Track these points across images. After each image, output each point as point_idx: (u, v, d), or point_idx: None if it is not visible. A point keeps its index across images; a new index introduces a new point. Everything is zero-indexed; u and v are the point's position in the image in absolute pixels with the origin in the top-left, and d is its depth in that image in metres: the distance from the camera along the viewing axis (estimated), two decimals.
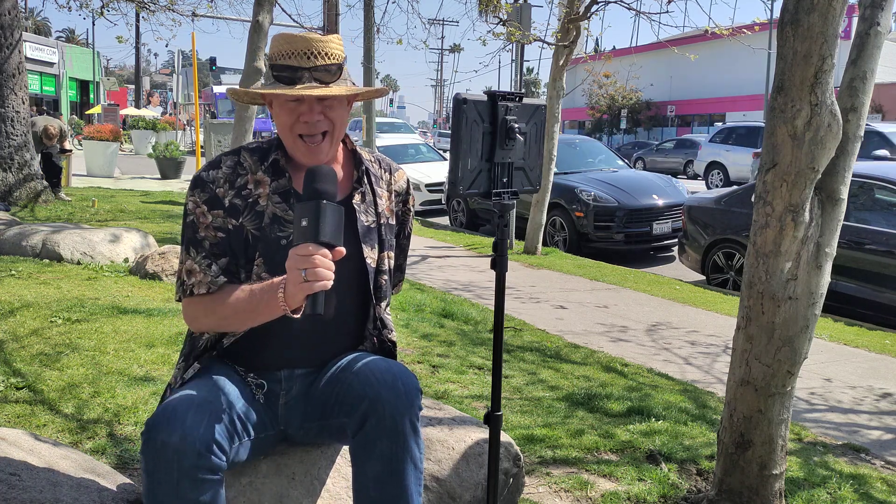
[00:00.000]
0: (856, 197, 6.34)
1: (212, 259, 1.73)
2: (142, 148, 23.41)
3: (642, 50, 36.76)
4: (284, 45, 1.70)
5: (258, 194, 1.76)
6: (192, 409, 1.53)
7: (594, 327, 5.36)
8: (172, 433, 1.48)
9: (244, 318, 1.69)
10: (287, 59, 1.69)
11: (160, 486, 1.49)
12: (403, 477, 1.63)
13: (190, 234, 1.75)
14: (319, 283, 1.49)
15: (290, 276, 1.52)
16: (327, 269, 1.50)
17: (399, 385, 1.62)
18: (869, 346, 5.17)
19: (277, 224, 1.75)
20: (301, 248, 1.50)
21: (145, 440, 1.50)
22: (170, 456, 1.47)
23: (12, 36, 9.13)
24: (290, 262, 1.52)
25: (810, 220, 2.26)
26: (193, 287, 1.72)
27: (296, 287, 1.51)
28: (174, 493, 1.48)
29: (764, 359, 2.33)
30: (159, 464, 1.48)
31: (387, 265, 1.89)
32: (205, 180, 1.75)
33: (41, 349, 3.57)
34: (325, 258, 1.50)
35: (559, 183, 9.31)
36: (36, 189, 9.54)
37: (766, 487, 2.38)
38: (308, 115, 1.70)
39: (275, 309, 1.59)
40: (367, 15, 12.49)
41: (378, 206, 1.88)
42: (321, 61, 1.69)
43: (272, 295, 1.59)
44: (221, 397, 1.63)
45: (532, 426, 3.15)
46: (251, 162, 1.79)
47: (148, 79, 62.30)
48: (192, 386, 1.65)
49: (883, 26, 2.27)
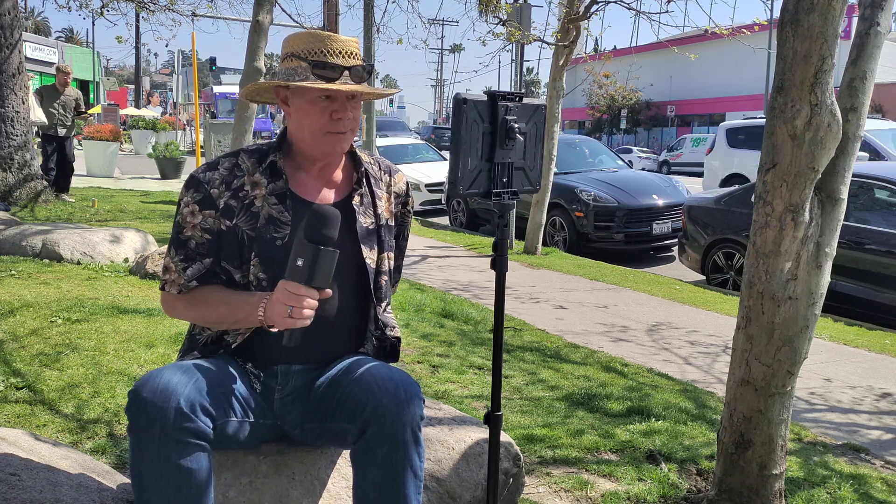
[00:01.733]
0: (856, 197, 6.34)
1: (189, 262, 1.78)
2: (142, 148, 23.40)
3: (642, 50, 36.76)
4: (318, 43, 1.75)
5: (254, 196, 1.78)
6: (178, 373, 1.57)
7: (594, 327, 5.36)
8: (156, 390, 1.51)
9: (219, 322, 1.77)
10: (325, 56, 1.74)
11: (143, 445, 1.50)
12: (403, 485, 1.63)
13: (175, 234, 1.81)
14: (301, 322, 1.59)
15: (276, 308, 1.60)
16: (311, 311, 1.60)
17: (401, 393, 1.63)
18: (869, 346, 5.17)
19: (273, 225, 1.78)
20: (293, 286, 1.58)
21: (130, 398, 1.53)
22: (153, 413, 1.49)
23: (12, 36, 9.12)
24: (278, 294, 1.60)
25: (810, 220, 2.26)
26: (166, 284, 1.80)
27: (279, 318, 1.60)
28: (156, 453, 1.49)
29: (764, 359, 2.33)
30: (141, 420, 1.50)
31: (386, 266, 1.90)
32: (199, 181, 1.78)
33: (41, 349, 3.57)
34: (312, 299, 1.59)
35: (559, 183, 9.31)
36: (36, 189, 9.53)
37: (766, 487, 2.38)
38: (342, 111, 1.75)
39: (252, 323, 1.69)
40: (367, 15, 12.49)
41: (377, 208, 1.90)
42: (356, 61, 1.77)
43: (252, 309, 1.67)
44: (214, 371, 1.66)
45: (532, 426, 3.15)
46: (249, 164, 1.82)
47: (148, 79, 62.31)
48: (187, 362, 1.68)
49: (883, 26, 2.27)
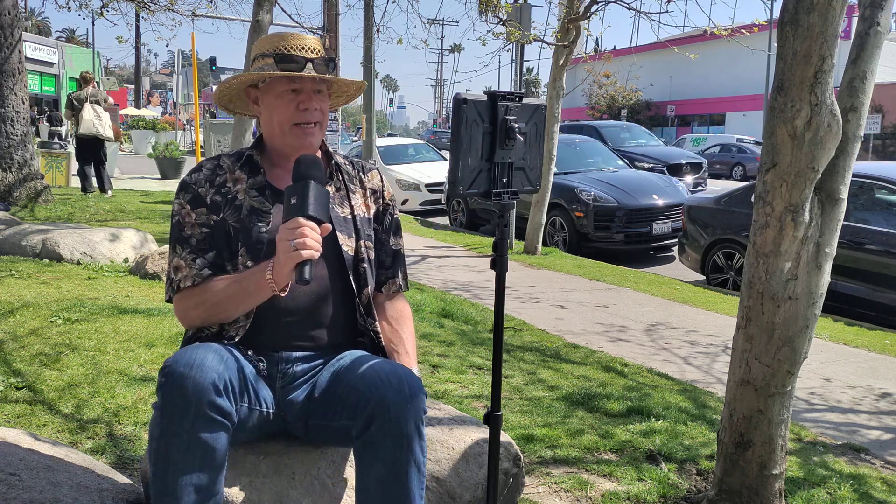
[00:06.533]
0: (856, 197, 6.34)
1: (197, 254, 1.83)
2: (142, 148, 23.41)
3: (642, 50, 36.74)
4: (281, 41, 1.85)
5: (237, 190, 1.88)
6: (210, 352, 1.59)
7: (594, 327, 5.36)
8: (192, 366, 1.53)
9: (235, 303, 1.76)
10: (289, 51, 1.83)
11: (176, 421, 1.51)
12: (407, 480, 1.63)
13: (176, 233, 1.86)
14: (307, 252, 1.59)
15: (281, 247, 1.62)
16: (315, 241, 1.61)
17: (405, 387, 1.63)
18: (869, 346, 5.17)
19: (255, 215, 1.85)
20: (291, 222, 1.62)
21: (164, 375, 1.54)
22: (190, 388, 1.51)
23: (12, 36, 9.12)
24: (280, 235, 1.63)
25: (810, 220, 2.26)
26: (180, 282, 1.82)
27: (286, 257, 1.60)
28: (190, 428, 1.51)
29: (764, 359, 2.33)
30: (177, 397, 1.51)
31: (365, 254, 1.93)
32: (188, 183, 1.89)
33: (41, 349, 3.57)
34: (314, 231, 1.61)
35: (559, 183, 9.31)
36: (36, 189, 9.53)
37: (765, 487, 2.38)
38: (307, 101, 1.83)
39: (263, 289, 1.69)
40: (367, 15, 12.49)
41: (352, 201, 1.97)
42: (317, 55, 1.86)
43: (261, 276, 1.69)
44: (234, 355, 1.68)
45: (532, 426, 3.15)
46: (229, 163, 1.92)
47: (148, 79, 62.32)
48: (211, 343, 1.69)
49: (883, 26, 2.27)
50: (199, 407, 1.51)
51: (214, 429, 1.53)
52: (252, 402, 1.72)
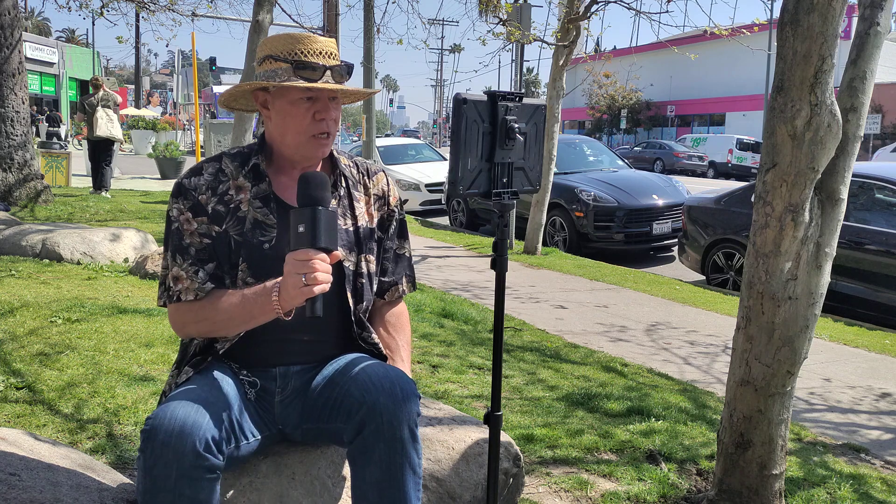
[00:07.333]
0: (856, 197, 6.34)
1: (198, 265, 1.75)
2: (142, 148, 23.41)
3: (642, 50, 36.76)
4: (296, 44, 1.74)
5: (239, 200, 1.78)
6: (192, 410, 1.53)
7: (594, 327, 5.36)
8: (172, 433, 1.48)
9: (237, 324, 1.70)
10: (305, 56, 1.73)
11: (158, 485, 1.49)
12: (403, 483, 1.62)
13: (176, 242, 1.76)
14: (319, 287, 1.52)
15: (289, 281, 1.54)
16: (326, 273, 1.54)
17: (397, 391, 1.62)
18: (869, 346, 5.17)
19: (259, 229, 1.77)
20: (300, 253, 1.53)
21: (145, 438, 1.51)
22: (170, 456, 1.47)
23: (12, 36, 9.12)
24: (288, 266, 1.55)
25: (810, 220, 2.26)
26: (181, 293, 1.74)
27: (295, 291, 1.54)
28: (172, 491, 1.49)
29: (764, 359, 2.33)
30: (158, 462, 1.48)
31: (365, 269, 1.88)
32: (187, 187, 1.78)
33: (41, 349, 3.57)
34: (324, 262, 1.54)
35: (559, 183, 9.31)
36: (36, 189, 9.53)
37: (765, 487, 2.38)
38: (324, 112, 1.74)
39: (268, 313, 1.63)
40: (367, 15, 12.50)
41: (355, 210, 1.88)
42: (335, 61, 1.77)
43: (266, 299, 1.61)
44: (220, 398, 1.63)
45: (532, 426, 3.15)
46: (232, 168, 1.82)
47: (148, 79, 62.29)
48: (191, 386, 1.65)
49: (883, 26, 2.27)
50: (181, 472, 1.48)
51: (202, 486, 1.51)
52: (241, 440, 1.68)
